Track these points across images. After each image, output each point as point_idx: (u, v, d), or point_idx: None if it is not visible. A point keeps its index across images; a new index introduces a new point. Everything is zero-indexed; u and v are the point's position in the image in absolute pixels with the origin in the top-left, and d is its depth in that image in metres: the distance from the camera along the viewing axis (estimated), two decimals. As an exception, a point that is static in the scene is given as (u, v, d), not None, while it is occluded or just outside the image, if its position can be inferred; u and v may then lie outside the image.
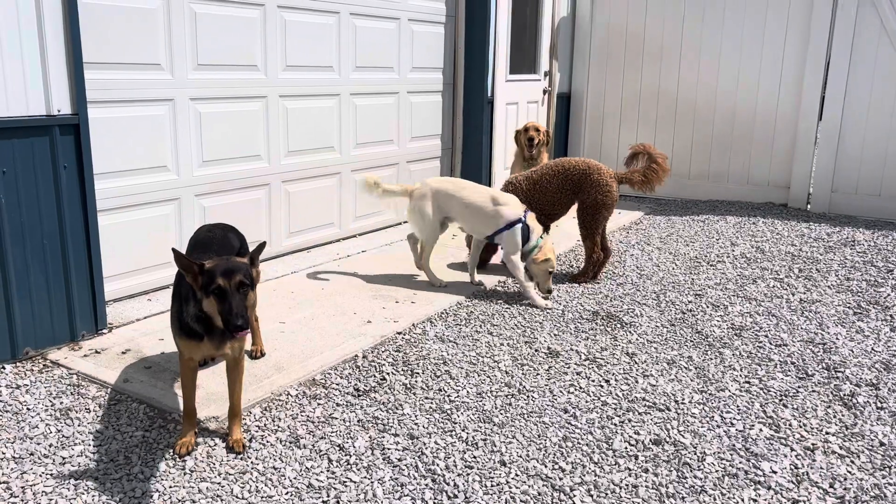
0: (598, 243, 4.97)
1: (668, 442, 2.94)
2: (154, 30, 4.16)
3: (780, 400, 3.32)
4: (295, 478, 2.66)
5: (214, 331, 2.62)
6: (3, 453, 2.74)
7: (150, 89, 4.20)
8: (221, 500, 2.53)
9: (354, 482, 2.64)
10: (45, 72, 3.38)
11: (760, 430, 3.05)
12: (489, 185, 7.12)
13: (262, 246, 2.72)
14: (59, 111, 3.45)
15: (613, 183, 4.94)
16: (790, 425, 3.09)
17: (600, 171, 4.93)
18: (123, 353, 3.60)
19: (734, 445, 2.93)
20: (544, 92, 7.83)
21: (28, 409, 3.07)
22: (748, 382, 3.49)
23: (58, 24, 3.39)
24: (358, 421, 3.06)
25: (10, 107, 3.28)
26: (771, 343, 3.97)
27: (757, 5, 7.30)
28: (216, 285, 2.49)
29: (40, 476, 2.62)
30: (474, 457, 2.81)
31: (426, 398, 3.27)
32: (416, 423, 3.05)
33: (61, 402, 3.13)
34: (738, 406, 3.25)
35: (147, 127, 4.22)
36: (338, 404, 3.20)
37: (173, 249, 2.55)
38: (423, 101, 6.45)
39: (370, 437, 2.94)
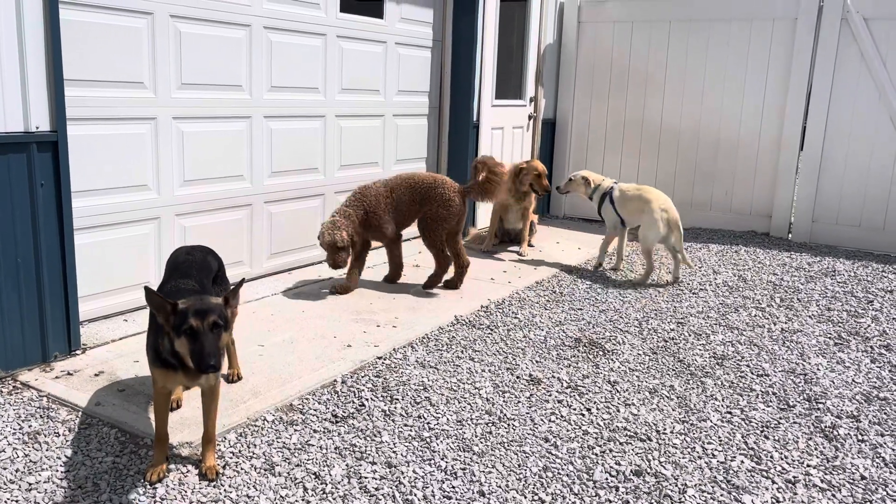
0: (443, 251, 5.16)
1: (649, 473, 2.91)
2: (138, 48, 4.13)
3: (762, 431, 3.30)
4: (268, 507, 2.59)
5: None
6: (-33, 479, 2.66)
7: (132, 107, 4.16)
8: (192, 529, 2.46)
9: (329, 512, 2.58)
10: (24, 88, 3.33)
11: (742, 461, 3.02)
12: (473, 210, 7.12)
13: (240, 285, 2.65)
14: (37, 128, 3.40)
15: (457, 197, 5.10)
16: (771, 457, 3.07)
17: (444, 185, 5.09)
18: (96, 375, 3.52)
19: (715, 477, 2.90)
20: (530, 117, 7.87)
21: (-5, 432, 2.98)
22: (730, 413, 3.47)
23: (39, 40, 3.35)
24: (335, 448, 3.00)
25: (-13, 123, 3.23)
26: (752, 373, 3.96)
27: (740, 36, 7.39)
28: (188, 325, 2.41)
29: (5, 502, 2.53)
30: (453, 486, 2.76)
31: (405, 425, 3.22)
32: (394, 451, 3.00)
33: (30, 426, 3.05)
34: (719, 437, 3.22)
35: (128, 145, 4.18)
36: (315, 431, 3.14)
37: (145, 287, 2.47)
38: (409, 124, 6.45)
39: (347, 465, 2.88)
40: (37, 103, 3.39)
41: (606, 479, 2.86)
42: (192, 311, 2.44)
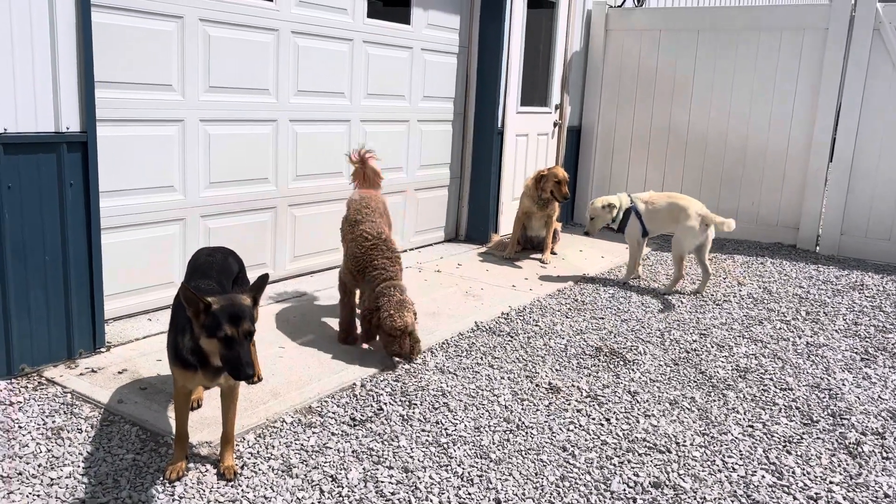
0: None
1: (667, 485, 2.88)
2: (167, 51, 4.19)
3: (784, 446, 3.25)
4: (285, 508, 2.61)
5: (209, 364, 2.58)
6: (-9, 472, 2.70)
7: (160, 109, 4.22)
8: (209, 528, 2.48)
9: (345, 515, 2.59)
10: (56, 89, 3.40)
11: (763, 476, 2.98)
12: (496, 216, 7.12)
13: (264, 279, 2.66)
14: (67, 128, 3.46)
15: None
16: (793, 473, 3.02)
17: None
18: (120, 372, 3.57)
19: (735, 492, 2.86)
20: (555, 125, 7.84)
21: (20, 427, 3.03)
22: (751, 426, 3.42)
23: (71, 42, 3.41)
24: (352, 451, 3.01)
25: (18, 122, 3.29)
26: (776, 386, 3.90)
27: (770, 45, 7.32)
28: (224, 332, 2.42)
29: (27, 497, 2.57)
30: (469, 493, 2.76)
31: (423, 430, 3.22)
32: (411, 456, 3.00)
33: (53, 422, 3.09)
34: (740, 450, 3.18)
35: (156, 147, 4.24)
36: (333, 433, 3.15)
37: (183, 284, 2.48)
38: (434, 129, 6.47)
39: (364, 468, 2.89)
40: (67, 104, 3.45)
41: (624, 490, 2.83)
42: (226, 315, 2.43)
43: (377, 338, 3.99)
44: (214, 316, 2.44)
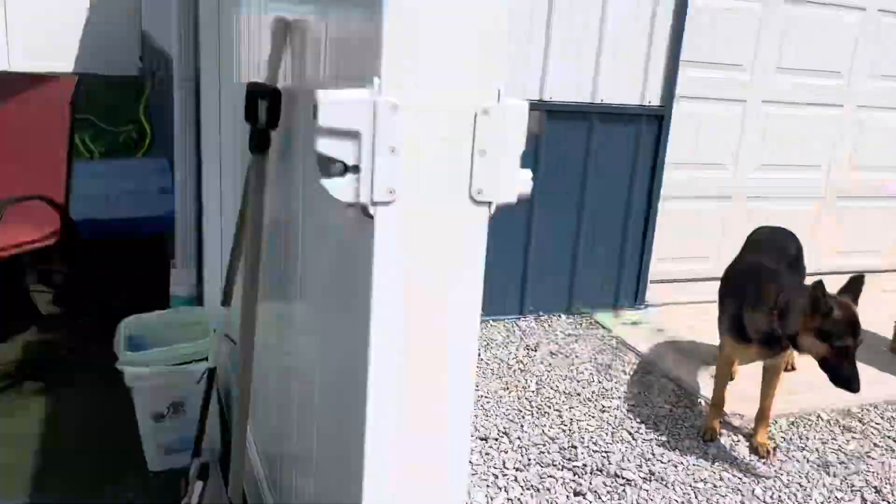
0: None
1: None
2: (744, 31, 4.24)
3: None
4: (822, 503, 2.52)
5: (771, 344, 2.62)
6: (557, 387, 3.22)
7: (727, 89, 4.31)
8: (741, 494, 2.55)
9: (892, 533, 2.39)
10: (646, 67, 3.76)
11: None
12: None
13: (860, 281, 2.57)
14: (649, 102, 3.81)
15: None
16: None
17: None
18: (658, 330, 3.86)
19: None
20: None
21: (576, 356, 3.53)
22: None
23: (666, 26, 3.72)
24: (900, 470, 2.74)
25: (614, 95, 3.74)
26: None
27: None
28: (842, 343, 2.42)
29: (584, 415, 3.00)
30: None
31: None
32: (977, 498, 2.60)
33: (602, 358, 3.52)
34: None
35: (715, 125, 4.35)
36: (875, 444, 2.91)
37: (815, 284, 2.42)
38: None
39: (914, 492, 2.61)
40: (652, 81, 3.80)
41: None
42: (849, 326, 2.43)
43: None
44: (836, 323, 2.42)
